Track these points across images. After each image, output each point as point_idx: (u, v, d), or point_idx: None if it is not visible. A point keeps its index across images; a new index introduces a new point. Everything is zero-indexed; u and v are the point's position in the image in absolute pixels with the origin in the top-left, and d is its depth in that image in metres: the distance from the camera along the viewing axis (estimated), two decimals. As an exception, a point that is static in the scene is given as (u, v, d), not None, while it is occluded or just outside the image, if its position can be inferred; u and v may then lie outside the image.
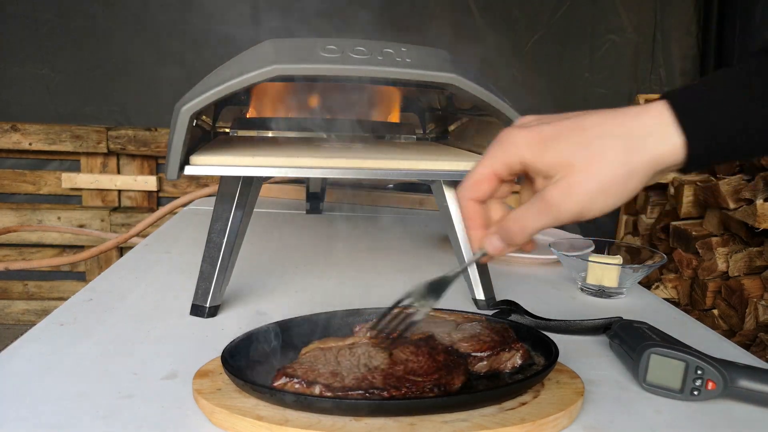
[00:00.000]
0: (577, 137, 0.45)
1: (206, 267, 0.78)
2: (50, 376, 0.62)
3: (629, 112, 0.45)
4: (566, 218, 0.46)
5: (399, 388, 0.52)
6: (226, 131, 1.10)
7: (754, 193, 2.01)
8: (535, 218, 0.47)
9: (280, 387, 0.54)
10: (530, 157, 0.46)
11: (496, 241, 0.50)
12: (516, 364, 0.61)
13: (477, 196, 0.50)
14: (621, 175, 0.44)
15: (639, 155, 0.44)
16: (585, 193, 0.44)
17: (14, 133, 2.65)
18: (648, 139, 0.44)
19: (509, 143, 0.47)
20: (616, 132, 0.44)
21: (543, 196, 0.46)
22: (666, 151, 0.44)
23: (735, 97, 0.43)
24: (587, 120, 0.45)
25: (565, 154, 0.44)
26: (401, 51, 0.72)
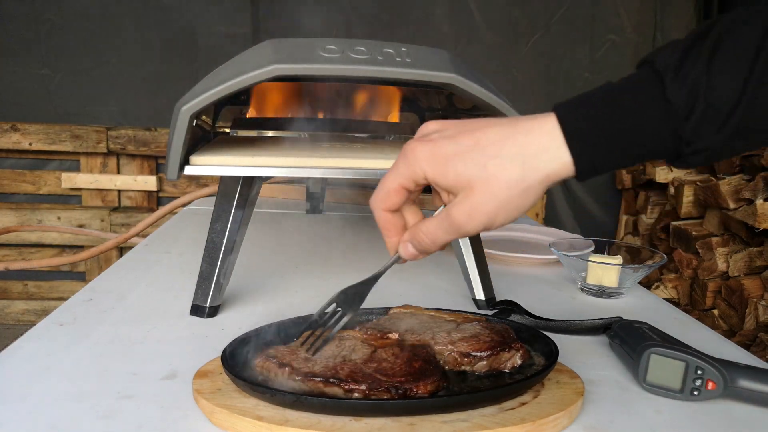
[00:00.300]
0: (476, 156, 0.47)
1: (206, 267, 0.78)
2: (50, 376, 0.62)
3: (523, 127, 0.48)
4: (472, 233, 0.50)
5: (359, 383, 0.53)
6: (226, 131, 1.10)
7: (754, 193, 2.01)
8: (444, 234, 0.51)
9: (258, 365, 0.57)
10: (432, 175, 0.49)
11: (410, 249, 0.54)
12: (516, 364, 0.61)
13: (388, 207, 0.53)
14: (517, 193, 0.47)
15: (533, 173, 0.47)
16: (486, 212, 0.48)
17: (14, 133, 2.65)
18: (541, 156, 0.46)
19: (413, 159, 0.50)
20: (511, 152, 0.47)
21: (449, 216, 0.49)
22: (557, 167, 0.47)
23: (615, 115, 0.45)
24: (485, 136, 0.48)
25: (464, 175, 0.47)
26: (401, 51, 0.72)
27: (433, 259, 1.13)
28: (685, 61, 0.44)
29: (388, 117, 1.16)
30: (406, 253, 0.55)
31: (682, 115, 0.44)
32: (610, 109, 0.46)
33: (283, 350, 0.59)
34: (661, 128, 0.45)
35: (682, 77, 0.43)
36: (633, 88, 0.46)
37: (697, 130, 0.44)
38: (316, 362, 0.56)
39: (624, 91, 0.46)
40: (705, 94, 0.43)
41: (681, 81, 0.43)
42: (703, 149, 0.45)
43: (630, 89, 0.46)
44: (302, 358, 0.57)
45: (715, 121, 0.43)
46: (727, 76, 0.43)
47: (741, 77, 0.43)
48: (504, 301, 0.84)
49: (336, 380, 0.53)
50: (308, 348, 0.58)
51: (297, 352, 0.58)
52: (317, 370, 0.55)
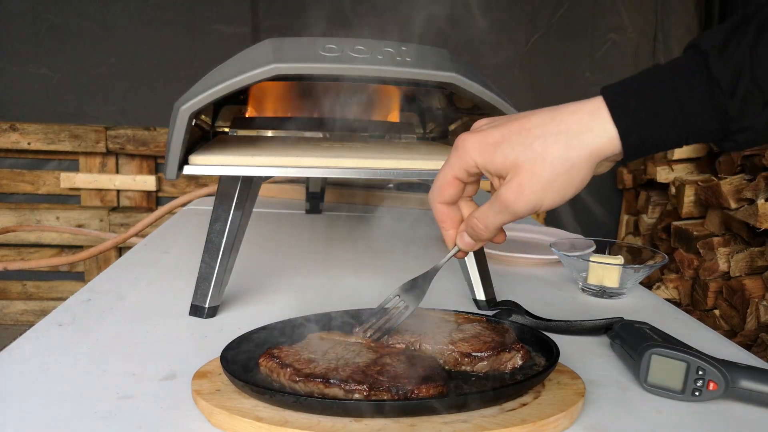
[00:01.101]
0: (521, 139, 0.49)
1: (205, 267, 0.77)
2: (49, 376, 0.61)
3: (567, 108, 0.49)
4: (523, 213, 0.51)
5: (361, 383, 0.53)
6: (226, 131, 1.10)
7: (756, 193, 2.01)
8: (495, 216, 0.52)
9: (262, 364, 0.57)
10: (482, 162, 0.51)
11: (466, 238, 0.56)
12: (516, 365, 0.61)
13: (445, 200, 0.55)
14: (563, 170, 0.48)
15: (577, 150, 0.48)
16: (533, 191, 0.49)
17: (13, 133, 2.64)
18: (585, 134, 0.47)
19: (463, 150, 0.52)
20: (556, 130, 0.48)
21: (498, 197, 0.51)
22: (602, 143, 0.47)
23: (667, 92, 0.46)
24: (530, 121, 0.50)
25: (511, 157, 0.49)
26: (401, 50, 0.72)
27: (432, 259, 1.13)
28: (730, 42, 0.44)
29: (388, 116, 1.16)
30: (462, 242, 0.56)
31: (727, 92, 0.44)
32: (656, 87, 0.47)
33: (286, 350, 0.59)
34: (707, 105, 0.45)
35: (728, 56, 0.44)
36: (679, 67, 0.47)
37: (742, 108, 0.44)
38: (318, 364, 0.56)
39: (670, 71, 0.47)
40: (750, 72, 0.44)
41: (726, 59, 0.44)
42: (748, 127, 0.45)
43: (676, 69, 0.47)
44: (305, 359, 0.57)
45: (760, 98, 0.44)
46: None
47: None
48: (504, 302, 0.84)
49: (337, 381, 0.53)
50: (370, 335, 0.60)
51: (300, 353, 0.58)
52: (318, 371, 0.55)
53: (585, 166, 0.48)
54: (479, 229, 0.54)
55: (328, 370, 0.55)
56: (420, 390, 0.52)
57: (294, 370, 0.55)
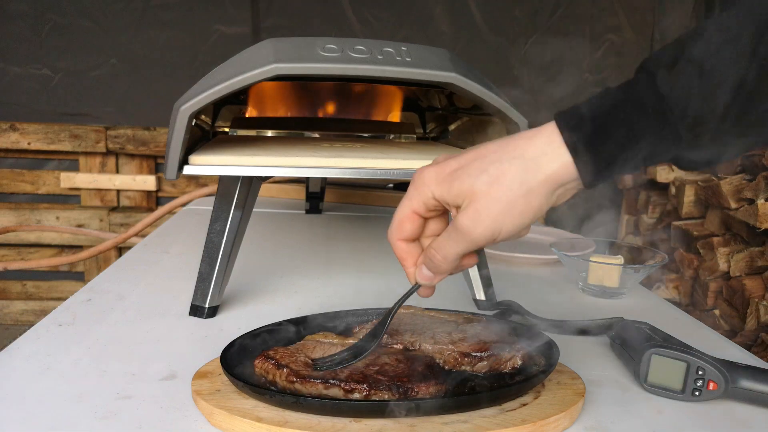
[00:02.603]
0: (477, 165, 0.48)
1: (205, 267, 0.77)
2: (48, 376, 0.61)
3: (524, 135, 0.49)
4: (481, 241, 0.49)
5: (361, 383, 0.52)
6: (226, 131, 1.10)
7: (756, 193, 2.01)
8: (453, 246, 0.51)
9: (257, 366, 0.56)
10: (439, 192, 0.50)
11: (425, 271, 0.54)
12: (516, 365, 0.61)
13: (404, 236, 0.54)
14: (521, 194, 0.47)
15: (534, 174, 0.47)
16: (490, 216, 0.48)
17: (13, 133, 2.64)
18: (541, 158, 0.47)
19: (421, 182, 0.51)
20: (512, 155, 0.48)
21: (455, 225, 0.50)
22: (557, 168, 0.47)
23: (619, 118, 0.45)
24: (487, 148, 0.49)
25: (467, 183, 0.48)
26: (401, 50, 0.72)
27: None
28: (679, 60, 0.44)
29: (388, 116, 1.16)
30: (421, 276, 0.54)
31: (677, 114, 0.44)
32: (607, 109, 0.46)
33: (282, 351, 0.58)
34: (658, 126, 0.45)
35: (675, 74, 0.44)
36: (627, 87, 0.46)
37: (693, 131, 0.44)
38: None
39: (618, 93, 0.46)
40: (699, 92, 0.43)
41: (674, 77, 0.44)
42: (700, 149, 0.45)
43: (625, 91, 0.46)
44: (301, 361, 0.57)
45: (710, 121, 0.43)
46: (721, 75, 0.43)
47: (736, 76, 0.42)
48: (505, 302, 0.84)
49: (336, 381, 0.53)
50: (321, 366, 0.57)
51: (296, 354, 0.58)
52: (317, 372, 0.55)
53: (542, 191, 0.48)
54: (437, 260, 0.52)
55: (326, 371, 0.55)
56: (420, 389, 0.52)
57: (291, 371, 0.54)
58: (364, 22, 2.73)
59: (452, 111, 1.05)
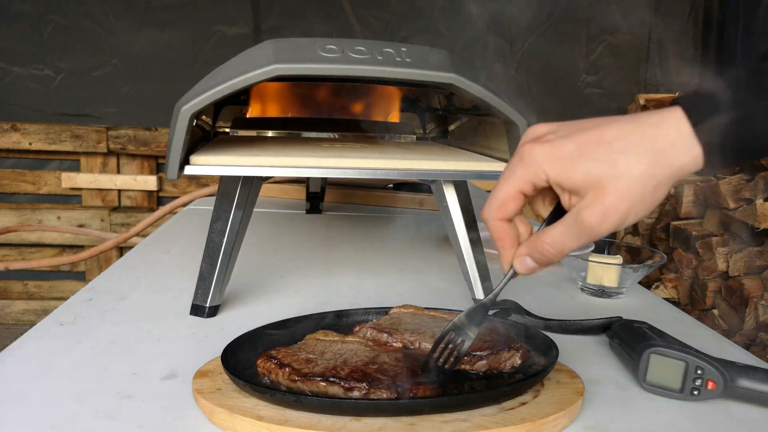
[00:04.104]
0: (602, 154, 0.45)
1: (206, 267, 0.78)
2: (50, 376, 0.61)
3: (647, 121, 0.46)
4: (604, 235, 0.47)
5: (360, 382, 0.53)
6: (226, 131, 1.10)
7: (754, 193, 2.01)
8: (573, 240, 0.48)
9: (260, 366, 0.57)
10: (555, 176, 0.47)
11: (529, 262, 0.51)
12: (515, 364, 0.61)
13: (506, 216, 0.50)
14: (650, 189, 0.45)
15: (664, 169, 0.45)
16: (620, 212, 0.45)
17: (14, 133, 2.65)
18: (670, 151, 0.45)
19: (531, 161, 0.47)
20: (640, 146, 0.45)
21: (579, 221, 0.46)
22: (688, 161, 0.45)
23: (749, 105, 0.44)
24: (606, 132, 0.46)
25: (593, 174, 0.45)
26: (401, 51, 0.72)
27: (432, 259, 1.13)
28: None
29: (388, 117, 1.16)
30: (524, 267, 0.51)
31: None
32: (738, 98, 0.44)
33: (284, 351, 0.59)
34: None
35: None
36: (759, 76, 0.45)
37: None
38: (317, 363, 0.56)
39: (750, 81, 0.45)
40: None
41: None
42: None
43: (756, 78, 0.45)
44: (303, 359, 0.57)
45: None
46: None
47: None
48: (504, 301, 0.84)
49: (336, 379, 0.53)
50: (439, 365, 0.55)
51: (298, 353, 0.58)
52: (317, 370, 0.55)
53: (669, 183, 0.46)
54: (551, 254, 0.49)
55: (327, 369, 0.55)
56: (418, 388, 0.53)
57: (293, 369, 0.55)
58: (364, 22, 2.74)
59: (452, 111, 1.06)
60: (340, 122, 1.12)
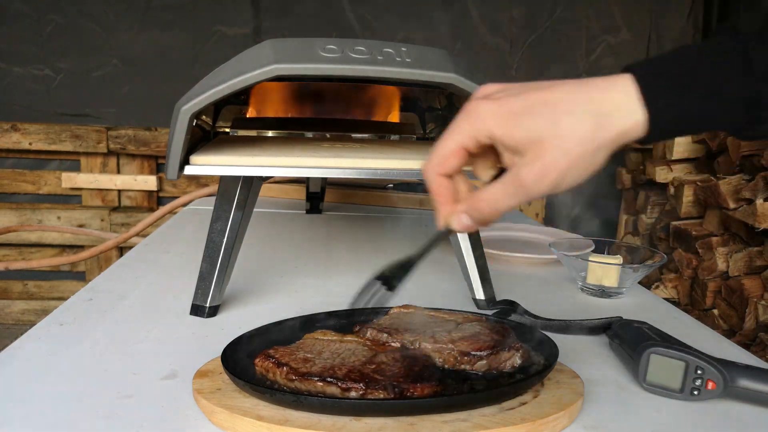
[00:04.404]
0: (548, 113, 0.45)
1: (206, 267, 0.78)
2: (50, 376, 0.62)
3: (596, 84, 0.46)
4: (538, 196, 0.47)
5: (357, 382, 0.52)
6: (226, 131, 1.10)
7: (754, 193, 2.01)
8: (509, 198, 0.48)
9: (258, 365, 0.57)
10: (499, 133, 0.46)
11: (465, 219, 0.50)
12: (515, 364, 0.61)
13: (446, 171, 0.50)
14: (589, 151, 0.45)
15: (605, 131, 0.45)
16: (557, 170, 0.45)
17: (14, 133, 2.65)
18: (614, 114, 0.45)
19: (476, 117, 0.47)
20: (585, 108, 0.45)
21: (518, 179, 0.46)
22: (630, 126, 0.45)
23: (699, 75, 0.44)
24: (556, 93, 0.46)
25: (535, 132, 0.45)
26: (401, 51, 0.72)
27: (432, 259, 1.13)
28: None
29: (388, 117, 1.16)
30: (460, 224, 0.51)
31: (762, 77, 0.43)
32: (688, 69, 0.45)
33: (282, 350, 0.59)
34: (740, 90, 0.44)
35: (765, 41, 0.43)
36: (714, 49, 0.45)
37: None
38: (314, 363, 0.56)
39: (704, 53, 0.45)
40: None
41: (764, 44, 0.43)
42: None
43: (710, 51, 0.45)
44: (300, 359, 0.57)
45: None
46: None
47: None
48: (504, 301, 0.84)
49: (333, 379, 0.53)
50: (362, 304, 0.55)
51: (296, 353, 0.58)
52: (315, 370, 0.55)
53: (609, 148, 0.46)
54: (486, 212, 0.49)
55: (325, 369, 0.55)
56: (416, 389, 0.53)
57: (291, 369, 0.55)
58: (364, 22, 2.74)
59: (452, 111, 1.06)
60: (340, 122, 1.12)
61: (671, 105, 0.45)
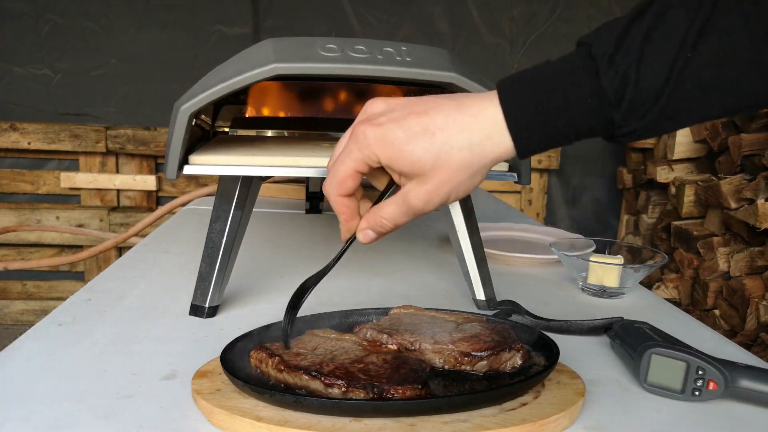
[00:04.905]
0: (427, 144, 0.51)
1: (205, 267, 0.77)
2: (49, 376, 0.61)
3: (470, 110, 0.51)
4: (428, 212, 0.54)
5: (340, 379, 0.53)
6: (226, 131, 1.10)
7: (756, 193, 2.01)
8: (404, 217, 0.55)
9: (253, 356, 0.59)
10: (385, 159, 0.52)
11: (370, 234, 0.57)
12: (516, 365, 0.61)
13: (344, 192, 0.55)
14: (467, 176, 0.52)
15: (480, 158, 0.51)
16: (440, 195, 0.52)
17: (13, 132, 2.65)
18: (486, 143, 0.51)
19: (365, 144, 0.52)
20: (460, 140, 0.50)
21: (407, 201, 0.53)
22: (501, 151, 0.51)
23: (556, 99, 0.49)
24: (433, 121, 0.51)
25: (418, 163, 0.51)
26: (401, 50, 0.72)
27: (433, 259, 1.13)
28: (619, 49, 0.47)
29: (388, 116, 1.16)
30: (366, 238, 0.57)
31: (613, 102, 0.47)
32: (548, 94, 0.49)
33: (279, 344, 0.60)
34: (594, 113, 0.48)
35: (616, 65, 0.47)
36: (570, 73, 0.49)
37: (626, 116, 0.48)
38: (306, 357, 0.57)
39: (561, 76, 0.49)
40: (634, 81, 0.46)
41: (614, 69, 0.47)
42: (632, 131, 0.49)
43: (567, 75, 0.49)
44: (294, 353, 0.58)
45: (642, 106, 0.47)
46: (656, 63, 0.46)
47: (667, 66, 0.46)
48: (504, 301, 0.84)
49: (317, 374, 0.54)
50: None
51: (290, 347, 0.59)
52: (303, 364, 0.55)
53: (485, 171, 0.53)
54: (388, 227, 0.56)
55: (313, 364, 0.55)
56: (397, 390, 0.52)
57: (281, 360, 0.56)
58: (364, 22, 2.74)
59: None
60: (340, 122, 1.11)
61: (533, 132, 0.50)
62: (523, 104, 0.50)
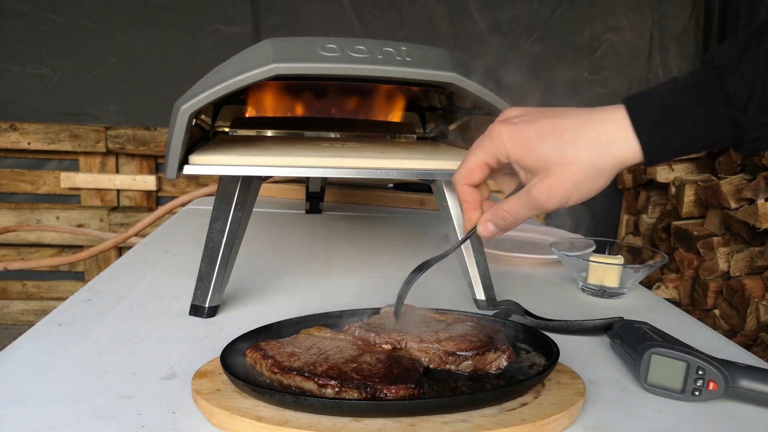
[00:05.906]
0: (555, 142, 0.53)
1: (205, 267, 0.77)
2: (49, 376, 0.61)
3: (596, 118, 0.53)
4: (550, 209, 0.56)
5: (333, 379, 0.53)
6: (226, 131, 1.10)
7: (756, 193, 2.01)
8: (525, 211, 0.57)
9: (248, 356, 0.59)
10: (515, 155, 0.55)
11: (491, 227, 0.60)
12: (501, 366, 0.61)
13: (471, 182, 0.59)
14: (590, 175, 0.53)
15: (604, 159, 0.53)
16: (562, 191, 0.54)
17: (13, 133, 2.64)
18: (612, 145, 0.52)
19: (497, 139, 0.56)
20: (586, 140, 0.53)
21: (530, 194, 0.55)
22: (627, 155, 0.53)
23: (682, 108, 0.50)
24: (563, 124, 0.54)
25: (544, 158, 0.54)
26: (401, 50, 0.72)
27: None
28: (744, 57, 0.48)
29: (388, 116, 1.16)
30: (487, 231, 0.60)
31: (740, 107, 0.48)
32: (674, 101, 0.51)
33: (272, 343, 0.60)
34: (722, 118, 0.50)
35: (741, 72, 0.48)
36: (695, 82, 0.51)
37: (755, 121, 0.49)
38: (299, 357, 0.57)
39: (687, 86, 0.51)
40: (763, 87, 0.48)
41: (739, 76, 0.48)
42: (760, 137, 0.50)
43: (692, 84, 0.51)
44: (287, 353, 0.58)
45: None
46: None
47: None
48: (504, 302, 0.84)
49: (310, 375, 0.54)
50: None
51: (284, 347, 0.59)
52: (296, 365, 0.56)
53: (609, 173, 0.54)
54: (508, 221, 0.58)
55: (306, 364, 0.55)
56: (389, 390, 0.52)
57: (274, 362, 0.56)
58: (364, 22, 2.73)
59: (453, 110, 1.05)
60: (340, 122, 1.11)
61: (660, 136, 0.51)
62: (649, 109, 0.51)
